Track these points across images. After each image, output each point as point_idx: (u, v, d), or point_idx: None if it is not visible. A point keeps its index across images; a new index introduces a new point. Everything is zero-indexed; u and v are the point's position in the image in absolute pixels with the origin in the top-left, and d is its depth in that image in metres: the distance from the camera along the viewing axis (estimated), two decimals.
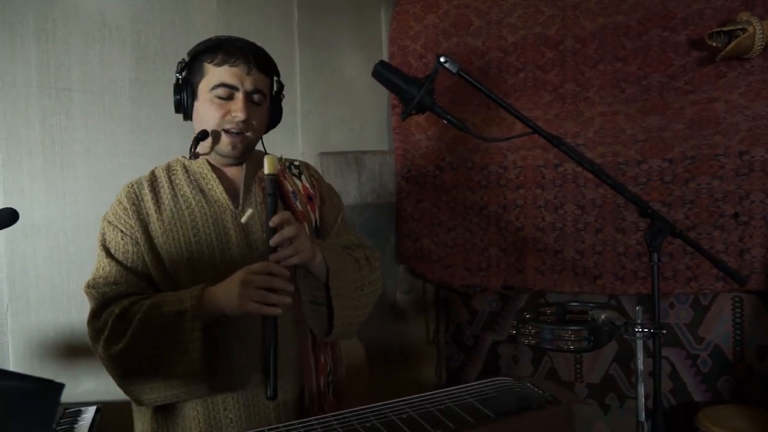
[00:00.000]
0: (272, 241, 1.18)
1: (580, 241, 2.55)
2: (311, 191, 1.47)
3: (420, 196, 2.91)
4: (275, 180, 1.23)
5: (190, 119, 1.39)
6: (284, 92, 1.48)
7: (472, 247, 2.79)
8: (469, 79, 1.22)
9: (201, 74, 1.33)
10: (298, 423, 1.01)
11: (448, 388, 1.14)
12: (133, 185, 1.35)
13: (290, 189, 1.42)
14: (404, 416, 1.06)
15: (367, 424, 1.02)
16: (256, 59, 1.33)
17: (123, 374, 1.20)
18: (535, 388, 1.19)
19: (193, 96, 1.35)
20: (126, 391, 1.23)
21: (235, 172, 1.39)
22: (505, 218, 2.72)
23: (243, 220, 1.25)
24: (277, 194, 1.24)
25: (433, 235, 2.89)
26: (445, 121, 1.24)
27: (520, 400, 1.11)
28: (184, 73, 1.35)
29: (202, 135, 1.33)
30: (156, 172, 1.38)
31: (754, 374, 2.30)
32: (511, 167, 2.70)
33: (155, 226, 1.29)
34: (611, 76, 2.47)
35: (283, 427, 1.00)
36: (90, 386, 1.93)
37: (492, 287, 2.77)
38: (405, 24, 2.93)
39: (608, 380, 2.61)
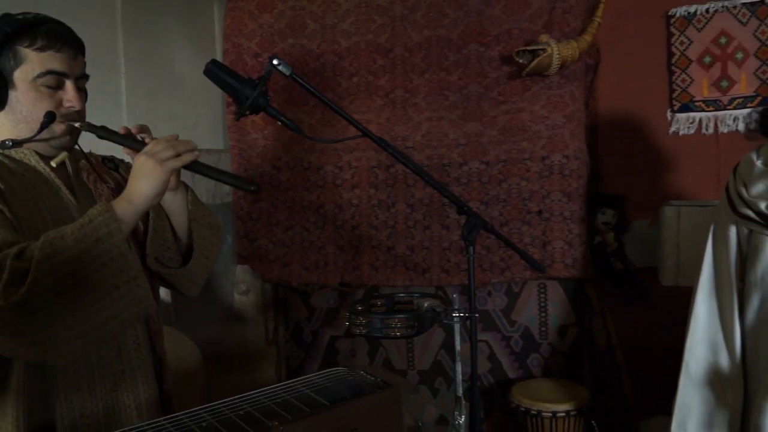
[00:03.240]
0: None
1: (410, 238, 2.72)
2: None
3: (257, 196, 2.90)
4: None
5: (1, 109, 1.23)
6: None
7: (309, 245, 2.85)
8: (302, 82, 1.26)
9: (17, 60, 1.19)
10: (129, 428, 0.98)
11: (284, 382, 1.18)
12: None
13: (112, 185, 1.36)
14: (242, 413, 1.07)
15: (204, 424, 1.02)
16: (77, 43, 1.26)
17: (34, 319, 1.01)
18: (368, 376, 1.28)
19: (6, 84, 1.21)
20: (39, 343, 1.03)
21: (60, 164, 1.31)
22: (341, 217, 2.81)
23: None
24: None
25: (270, 234, 2.89)
26: (279, 122, 1.27)
27: (352, 387, 1.18)
28: None
29: (50, 117, 1.20)
30: None
31: (556, 351, 2.64)
32: (346, 168, 2.80)
33: None
34: (436, 84, 2.67)
35: None
36: None
37: (329, 284, 2.85)
38: (239, 21, 2.89)
39: (436, 366, 2.82)
